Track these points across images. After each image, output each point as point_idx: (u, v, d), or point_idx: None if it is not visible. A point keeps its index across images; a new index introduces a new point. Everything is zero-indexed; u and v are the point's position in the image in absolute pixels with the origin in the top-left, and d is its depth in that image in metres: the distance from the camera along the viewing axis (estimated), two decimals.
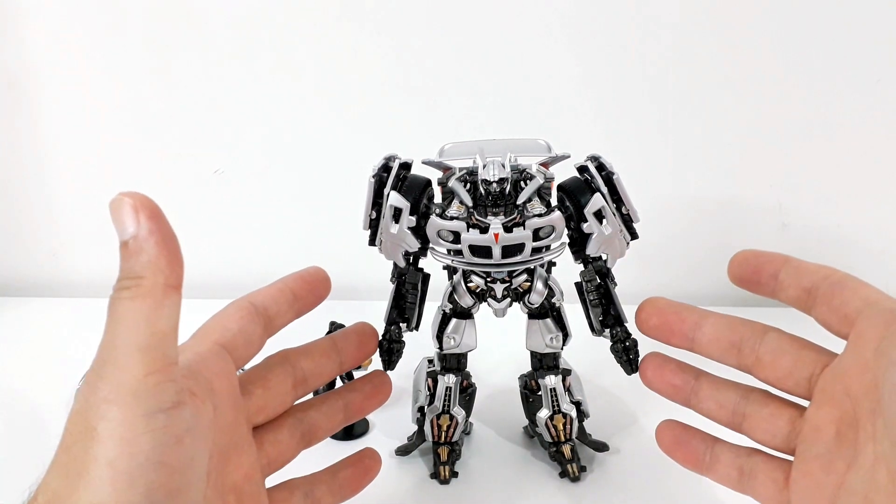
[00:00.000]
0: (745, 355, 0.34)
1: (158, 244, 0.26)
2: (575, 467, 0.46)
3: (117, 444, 0.24)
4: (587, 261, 0.44)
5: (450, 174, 0.41)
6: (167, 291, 0.26)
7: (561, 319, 0.46)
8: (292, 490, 0.35)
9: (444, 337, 0.46)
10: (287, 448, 0.35)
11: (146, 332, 0.25)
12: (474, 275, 0.43)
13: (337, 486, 0.37)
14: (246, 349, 0.33)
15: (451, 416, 0.47)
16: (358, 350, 0.39)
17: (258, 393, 0.34)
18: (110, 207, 0.26)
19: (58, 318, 0.72)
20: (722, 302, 0.51)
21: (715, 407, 0.35)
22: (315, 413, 0.37)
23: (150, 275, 0.25)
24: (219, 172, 0.76)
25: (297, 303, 0.35)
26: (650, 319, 0.37)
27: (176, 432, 0.26)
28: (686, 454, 0.36)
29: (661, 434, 0.37)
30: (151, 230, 0.25)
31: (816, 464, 0.30)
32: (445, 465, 0.47)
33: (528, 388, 0.49)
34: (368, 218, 0.43)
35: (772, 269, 0.33)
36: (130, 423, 0.24)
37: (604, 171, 0.41)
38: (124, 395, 0.25)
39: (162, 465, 0.25)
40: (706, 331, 0.35)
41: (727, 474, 0.35)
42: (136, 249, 0.25)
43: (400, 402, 0.54)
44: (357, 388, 0.39)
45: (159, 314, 0.26)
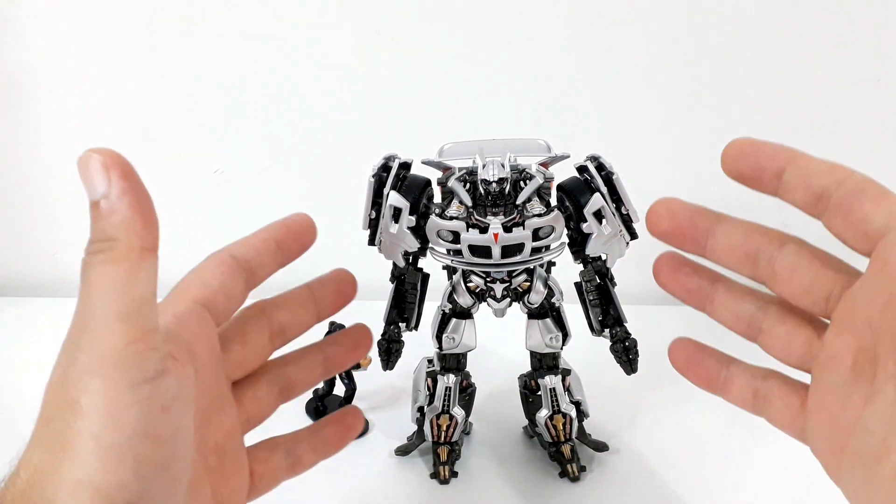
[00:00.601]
0: (760, 267, 0.30)
1: (132, 205, 0.24)
2: (575, 467, 0.46)
3: (101, 418, 0.23)
4: (587, 261, 0.44)
5: (449, 174, 0.41)
6: (144, 255, 0.24)
7: (561, 319, 0.46)
8: (273, 448, 0.34)
9: (443, 337, 0.46)
10: (266, 404, 0.34)
11: (124, 298, 0.24)
12: (474, 275, 0.43)
13: (319, 443, 0.35)
14: (227, 305, 0.31)
15: (450, 416, 0.47)
16: (336, 297, 0.37)
17: (236, 349, 0.32)
18: (78, 165, 0.24)
19: (58, 318, 0.72)
20: None
21: (730, 317, 0.32)
22: (293, 368, 0.35)
23: (124, 237, 0.24)
24: (219, 172, 0.76)
25: (281, 253, 0.34)
26: (661, 224, 0.33)
27: (161, 402, 0.25)
28: (700, 373, 0.33)
29: (674, 352, 0.34)
30: (124, 189, 0.24)
31: (832, 396, 0.28)
32: (445, 465, 0.47)
33: (527, 388, 0.49)
34: (368, 218, 0.43)
35: (775, 166, 0.29)
36: (114, 395, 0.23)
37: (603, 171, 0.41)
38: (106, 366, 0.24)
39: (149, 437, 0.24)
40: (720, 238, 0.31)
41: (741, 395, 0.32)
42: (108, 210, 0.24)
43: (400, 402, 0.55)
44: (338, 341, 0.37)
45: (137, 279, 0.24)
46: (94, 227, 0.24)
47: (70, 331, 0.25)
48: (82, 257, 0.25)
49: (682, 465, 0.48)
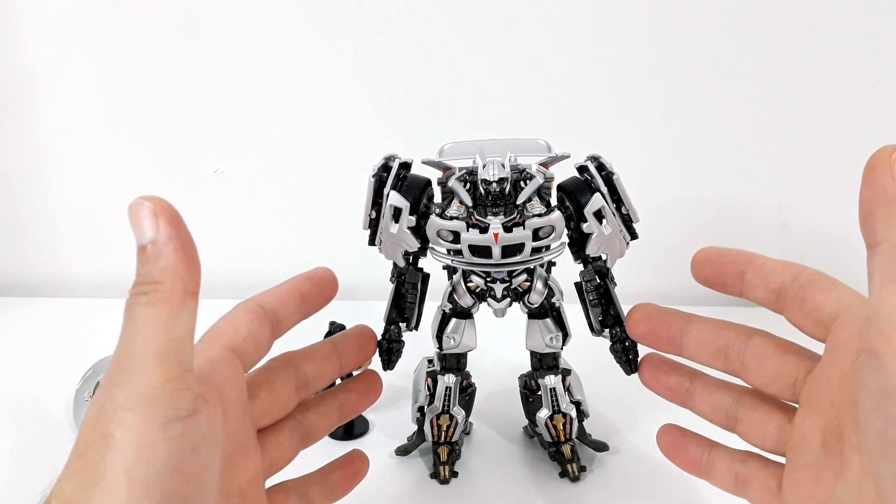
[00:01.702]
0: (731, 360, 0.34)
1: (177, 250, 0.25)
2: (575, 467, 0.46)
3: (134, 452, 0.24)
4: (587, 261, 0.44)
5: (449, 174, 0.41)
6: (185, 298, 0.26)
7: (561, 319, 0.46)
8: (288, 492, 0.35)
9: (443, 337, 0.46)
10: (287, 450, 0.35)
11: (164, 338, 0.25)
12: (474, 275, 0.43)
13: (329, 487, 0.37)
14: (254, 352, 0.33)
15: (450, 415, 0.47)
16: (358, 353, 0.40)
17: (263, 396, 0.34)
18: (129, 211, 0.26)
19: (58, 318, 0.73)
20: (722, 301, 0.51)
21: (709, 410, 0.35)
22: (312, 414, 0.37)
23: (168, 280, 0.25)
24: (219, 172, 0.76)
25: (305, 304, 0.35)
26: (638, 327, 0.37)
27: (192, 440, 0.26)
28: (685, 458, 0.36)
29: (661, 438, 0.38)
30: (171, 236, 0.25)
31: (805, 473, 0.30)
32: (445, 465, 0.47)
33: (527, 388, 0.49)
34: (368, 218, 0.43)
35: (736, 270, 0.32)
36: (147, 430, 0.24)
37: (604, 170, 0.41)
38: (141, 402, 0.25)
39: (178, 473, 0.25)
40: (692, 336, 0.35)
41: (724, 479, 0.35)
42: (154, 255, 0.25)
43: (400, 402, 0.55)
44: (350, 388, 0.40)
45: (177, 321, 0.25)
46: (140, 270, 0.26)
47: (110, 368, 0.26)
48: (126, 298, 0.26)
49: None
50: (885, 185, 0.26)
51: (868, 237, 0.27)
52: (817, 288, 0.30)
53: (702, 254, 0.34)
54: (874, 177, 0.26)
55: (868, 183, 0.26)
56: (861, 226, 0.27)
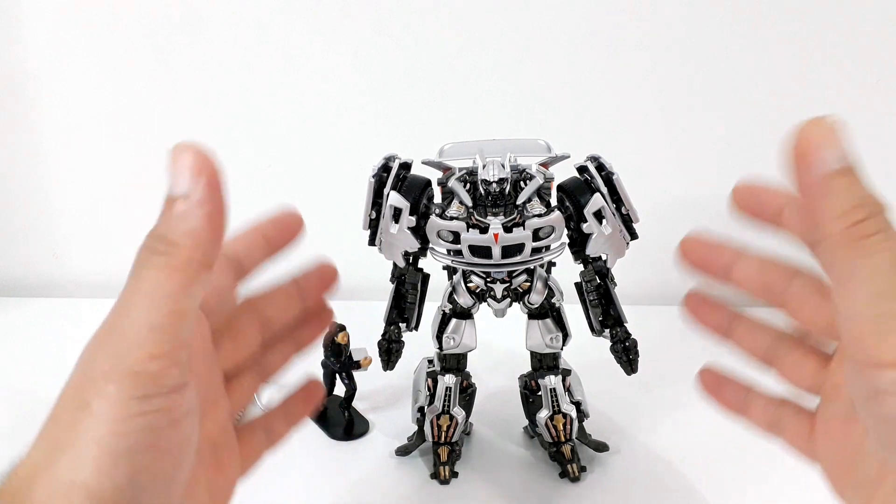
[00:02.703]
0: (775, 295, 0.33)
1: (207, 215, 0.23)
2: (575, 467, 0.46)
3: (108, 423, 0.23)
4: (587, 261, 0.44)
5: (449, 174, 0.41)
6: (200, 270, 0.24)
7: (561, 319, 0.46)
8: (254, 430, 0.35)
9: (443, 337, 0.46)
10: (250, 390, 0.34)
11: (165, 309, 0.23)
12: (474, 275, 0.43)
13: (290, 415, 0.36)
14: (219, 304, 0.31)
15: (451, 416, 0.47)
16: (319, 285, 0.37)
17: (228, 345, 0.33)
18: (171, 154, 0.23)
19: (58, 318, 0.72)
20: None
21: (749, 346, 0.35)
22: (271, 353, 0.36)
23: (187, 246, 0.23)
24: None
25: (269, 246, 0.34)
26: (689, 254, 0.36)
27: (174, 416, 0.25)
28: (723, 397, 0.36)
29: (703, 377, 0.36)
30: (205, 199, 0.23)
31: (835, 423, 0.30)
32: (445, 466, 0.47)
33: (528, 389, 0.49)
34: (368, 218, 0.43)
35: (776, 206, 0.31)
36: (126, 403, 0.23)
37: (603, 171, 0.41)
38: (125, 374, 0.23)
39: (153, 448, 0.24)
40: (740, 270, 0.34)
41: (759, 420, 0.34)
42: (181, 213, 0.23)
43: (400, 403, 0.55)
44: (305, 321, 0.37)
45: (186, 293, 0.24)
46: (162, 222, 0.24)
47: (100, 328, 0.24)
48: (141, 245, 0.24)
49: (681, 465, 0.48)
50: (812, 174, 0.24)
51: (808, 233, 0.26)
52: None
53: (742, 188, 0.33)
54: (800, 166, 0.24)
55: (797, 174, 0.25)
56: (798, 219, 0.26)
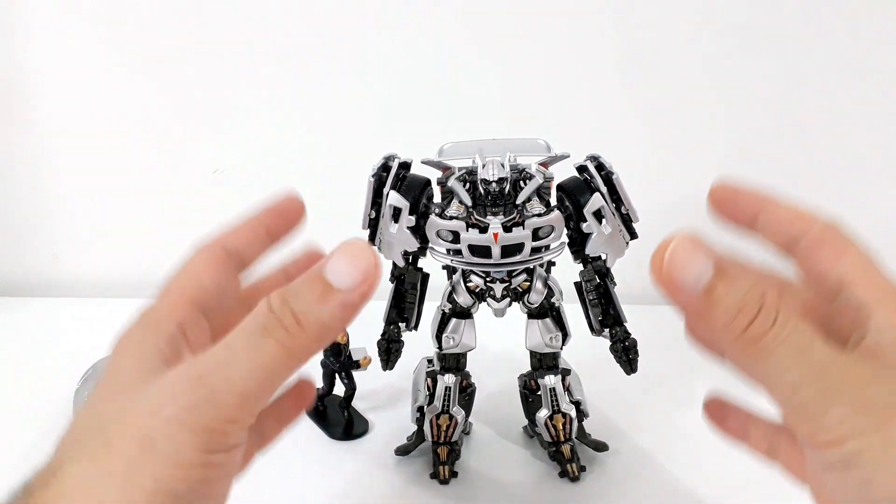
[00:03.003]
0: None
1: (348, 317, 0.24)
2: (574, 467, 0.46)
3: (171, 465, 0.23)
4: (587, 260, 0.44)
5: (449, 174, 0.41)
6: (309, 358, 0.25)
7: (560, 319, 0.46)
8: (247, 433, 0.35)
9: (443, 337, 0.46)
10: None
11: (266, 385, 0.24)
12: (474, 274, 0.43)
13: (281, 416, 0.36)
14: (219, 301, 0.31)
15: (450, 415, 0.47)
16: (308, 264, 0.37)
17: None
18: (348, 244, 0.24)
19: (59, 318, 0.73)
20: None
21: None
22: None
23: (315, 336, 0.24)
24: (218, 172, 0.76)
25: (270, 237, 0.34)
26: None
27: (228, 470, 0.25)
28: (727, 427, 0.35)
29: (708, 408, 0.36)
30: (356, 302, 0.24)
31: None
32: (445, 465, 0.47)
33: (527, 388, 0.49)
34: (368, 217, 0.43)
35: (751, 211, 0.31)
36: (193, 453, 0.23)
37: (603, 170, 0.41)
38: (200, 427, 0.24)
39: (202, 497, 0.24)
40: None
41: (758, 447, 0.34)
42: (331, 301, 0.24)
43: (400, 402, 0.54)
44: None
45: (285, 368, 0.24)
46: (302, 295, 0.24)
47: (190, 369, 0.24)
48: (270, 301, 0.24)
49: (681, 465, 0.48)
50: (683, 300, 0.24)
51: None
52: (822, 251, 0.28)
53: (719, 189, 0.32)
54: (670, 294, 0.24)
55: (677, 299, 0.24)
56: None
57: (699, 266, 0.23)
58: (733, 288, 0.23)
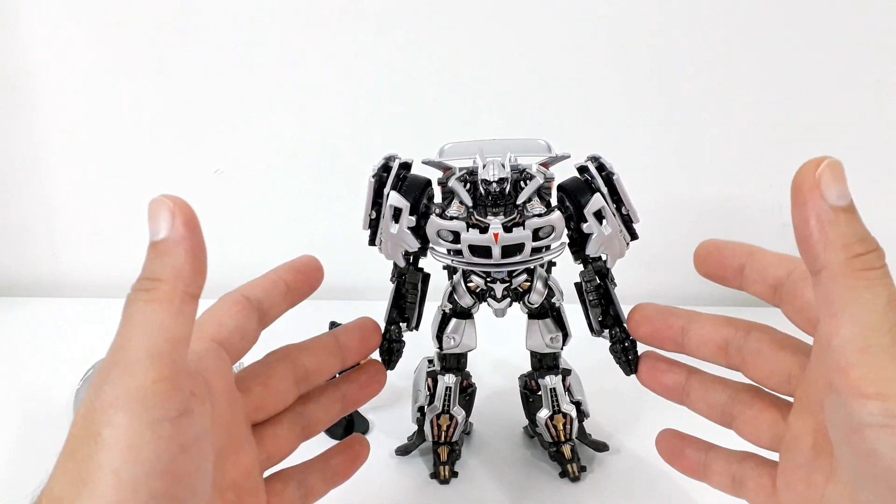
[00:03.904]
0: (731, 356, 0.34)
1: (187, 251, 0.26)
2: (575, 467, 0.46)
3: (122, 452, 0.24)
4: (587, 261, 0.44)
5: (450, 174, 0.41)
6: (185, 299, 0.26)
7: (561, 319, 0.46)
8: (286, 481, 0.35)
9: (443, 337, 0.46)
10: (286, 442, 0.35)
11: (159, 337, 0.25)
12: (474, 275, 0.43)
13: (329, 473, 0.37)
14: (241, 344, 0.32)
15: (450, 415, 0.47)
16: (360, 345, 0.39)
17: (257, 391, 0.33)
18: (149, 207, 0.26)
19: (58, 318, 0.72)
20: (722, 302, 0.51)
21: (705, 407, 0.35)
22: (313, 406, 0.36)
23: (171, 279, 0.25)
24: (219, 172, 0.76)
25: (291, 294, 0.35)
26: (640, 328, 0.38)
27: (181, 441, 0.26)
28: (682, 463, 0.37)
29: (659, 444, 0.38)
30: (183, 236, 0.26)
31: (797, 475, 0.30)
32: (445, 465, 0.47)
33: (528, 388, 0.49)
34: (368, 218, 0.43)
35: (736, 263, 0.32)
36: (136, 430, 0.24)
37: (604, 171, 0.41)
38: (131, 401, 0.24)
39: (166, 474, 0.25)
40: (693, 335, 0.35)
41: (721, 481, 0.35)
42: (163, 251, 0.25)
43: (400, 402, 0.55)
44: (353, 378, 0.39)
45: (174, 321, 0.25)
46: (146, 265, 0.26)
47: (102, 364, 0.26)
48: (128, 293, 0.26)
49: None
50: (816, 207, 0.25)
51: (808, 264, 0.26)
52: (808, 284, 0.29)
53: (703, 247, 0.34)
54: (803, 199, 0.26)
55: (798, 206, 0.26)
56: (799, 251, 0.27)
57: (841, 189, 0.25)
58: (859, 224, 0.26)
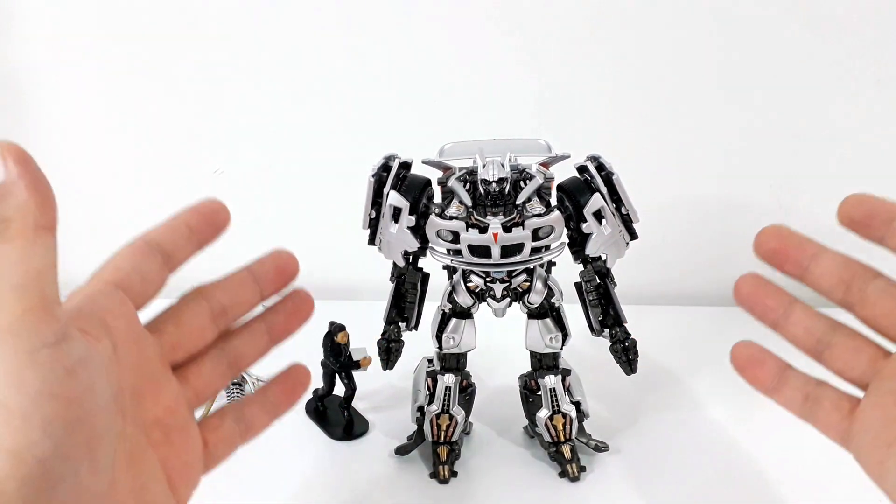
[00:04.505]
0: (852, 292, 0.33)
1: (28, 188, 0.26)
2: (574, 467, 0.46)
3: (3, 383, 0.24)
4: (587, 261, 0.44)
5: (450, 174, 0.41)
6: (38, 231, 0.26)
7: (560, 319, 0.46)
8: (222, 416, 0.35)
9: (443, 337, 0.46)
10: (212, 378, 0.34)
11: (19, 271, 0.26)
12: (474, 274, 0.43)
13: (269, 405, 0.36)
14: (143, 286, 0.32)
15: (450, 415, 0.47)
16: (277, 276, 0.37)
17: (170, 330, 0.33)
18: None
19: None
20: (722, 303, 0.51)
21: (802, 332, 0.34)
22: (236, 341, 0.35)
23: (19, 217, 0.26)
24: (218, 172, 0.76)
25: (195, 235, 0.35)
26: (769, 242, 0.35)
27: (65, 364, 0.26)
28: (756, 373, 0.35)
29: (737, 351, 0.35)
30: (20, 173, 0.26)
31: (890, 398, 0.30)
32: (445, 465, 0.47)
33: (527, 388, 0.49)
34: (368, 217, 0.43)
35: (886, 215, 0.32)
36: (14, 360, 0.25)
37: (603, 171, 0.41)
38: (3, 333, 0.25)
39: (54, 398, 0.25)
40: (822, 263, 0.34)
41: (792, 397, 0.34)
42: (3, 194, 0.26)
43: (400, 402, 0.54)
44: (278, 308, 0.37)
45: (31, 253, 0.26)
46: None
47: None
48: None
49: (681, 465, 0.48)
50: None
51: None
52: None
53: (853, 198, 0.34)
54: None
55: None
56: None
57: None
58: None
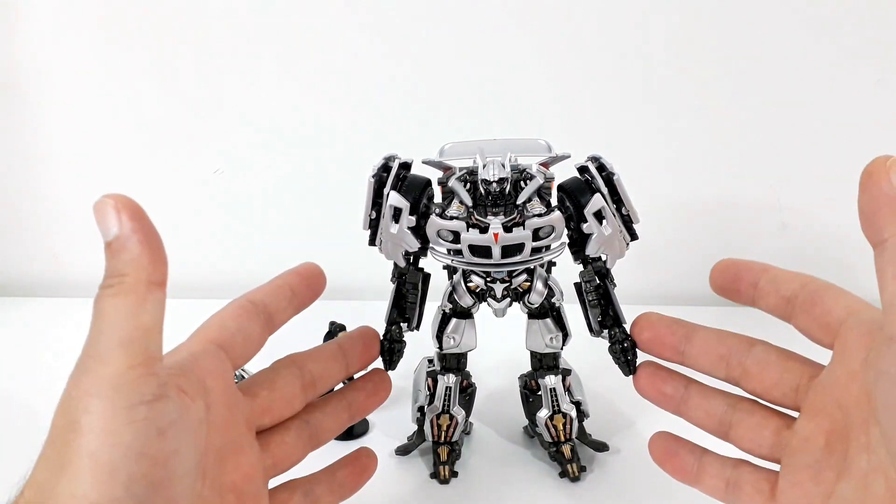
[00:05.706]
0: (732, 367, 0.34)
1: (141, 243, 0.26)
2: (575, 467, 0.46)
3: (98, 436, 0.25)
4: (587, 261, 0.44)
5: (450, 174, 0.41)
6: (150, 288, 0.26)
7: (561, 319, 0.46)
8: (293, 490, 0.35)
9: (443, 337, 0.46)
10: (294, 450, 0.35)
11: (128, 326, 0.26)
12: (474, 275, 0.43)
13: (336, 485, 0.37)
14: (245, 347, 0.33)
15: (450, 415, 0.47)
16: (363, 353, 0.40)
17: (263, 395, 0.34)
18: (94, 210, 0.26)
19: (58, 318, 0.72)
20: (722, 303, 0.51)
21: (703, 415, 0.36)
22: (320, 414, 0.37)
23: (132, 272, 0.26)
24: (219, 172, 0.76)
25: (296, 299, 0.36)
26: (642, 333, 0.38)
27: (158, 424, 0.26)
28: (675, 466, 0.37)
29: (652, 445, 0.38)
30: (134, 229, 0.26)
31: (805, 473, 0.31)
32: (445, 465, 0.47)
33: (528, 388, 0.49)
34: (368, 218, 0.43)
35: (751, 278, 0.34)
36: (111, 415, 0.25)
37: (604, 171, 0.41)
38: (105, 387, 0.25)
39: (143, 457, 0.25)
40: (695, 344, 0.36)
41: (714, 485, 0.35)
42: (118, 248, 0.26)
43: (400, 402, 0.54)
44: (359, 387, 0.40)
45: (142, 310, 0.26)
46: (108, 265, 0.26)
47: (79, 359, 0.26)
48: (96, 293, 0.27)
49: None
50: (884, 187, 0.27)
51: (873, 237, 0.28)
52: (826, 294, 0.31)
53: (721, 264, 0.35)
54: (873, 182, 0.27)
55: (867, 188, 0.28)
56: (864, 228, 0.28)
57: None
58: None
